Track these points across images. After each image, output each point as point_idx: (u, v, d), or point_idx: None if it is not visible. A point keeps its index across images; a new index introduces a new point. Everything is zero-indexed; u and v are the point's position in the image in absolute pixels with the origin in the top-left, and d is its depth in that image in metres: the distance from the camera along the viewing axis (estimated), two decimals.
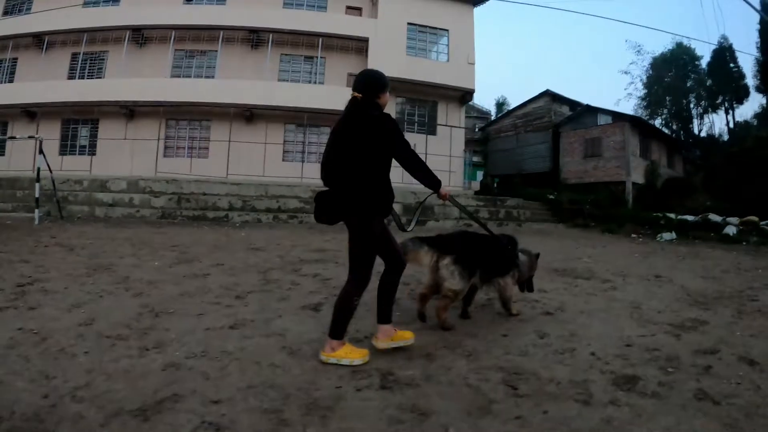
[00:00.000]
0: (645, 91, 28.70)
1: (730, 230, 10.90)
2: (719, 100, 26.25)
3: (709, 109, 26.88)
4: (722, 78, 25.16)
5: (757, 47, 22.50)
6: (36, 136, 10.39)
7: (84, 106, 14.35)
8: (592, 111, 18.12)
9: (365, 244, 2.16)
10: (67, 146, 14.95)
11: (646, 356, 2.30)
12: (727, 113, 26.15)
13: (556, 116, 19.29)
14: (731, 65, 25.10)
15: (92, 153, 14.66)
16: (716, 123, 32.07)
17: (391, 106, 14.98)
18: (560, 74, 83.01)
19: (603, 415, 1.66)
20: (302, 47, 14.56)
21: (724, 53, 25.02)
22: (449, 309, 2.74)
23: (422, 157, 11.00)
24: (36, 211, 9.18)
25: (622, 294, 3.88)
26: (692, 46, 26.91)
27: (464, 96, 15.27)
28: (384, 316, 2.30)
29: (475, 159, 21.38)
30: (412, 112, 15.13)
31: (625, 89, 59.68)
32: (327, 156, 2.23)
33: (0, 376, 1.84)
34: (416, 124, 15.01)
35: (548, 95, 19.64)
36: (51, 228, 8.16)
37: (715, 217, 11.78)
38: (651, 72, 28.22)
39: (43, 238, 6.51)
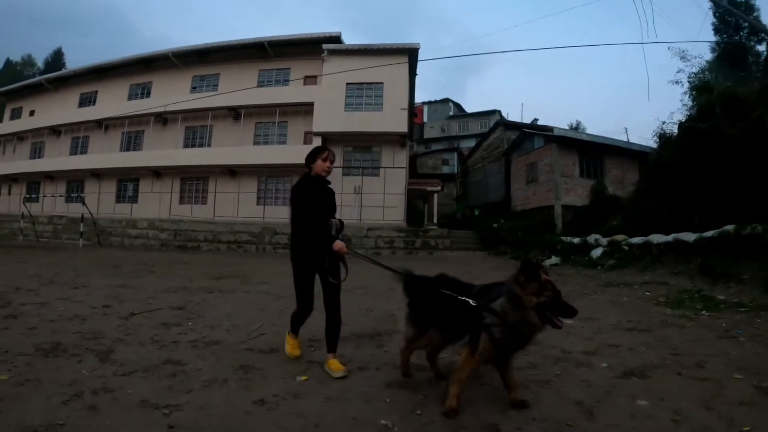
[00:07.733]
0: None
1: (596, 252, 10.60)
2: None
3: None
4: None
5: None
6: (82, 194, 18.01)
7: (129, 170, 20.20)
8: (530, 135, 18.15)
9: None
10: (120, 197, 20.96)
11: None
12: None
13: (508, 144, 19.95)
14: None
15: (135, 201, 20.39)
16: None
17: (338, 155, 18.24)
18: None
19: None
20: (269, 115, 18.70)
21: None
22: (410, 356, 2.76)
23: (364, 197, 17.68)
24: (80, 239, 15.76)
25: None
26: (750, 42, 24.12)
27: (402, 138, 17.95)
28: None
29: None
30: (357, 158, 18.25)
31: (680, 100, 51.76)
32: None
33: None
34: (361, 168, 18.04)
35: (500, 125, 20.50)
36: (87, 249, 14.21)
37: (591, 238, 11.65)
38: (708, 76, 25.79)
39: (79, 254, 12.07)
